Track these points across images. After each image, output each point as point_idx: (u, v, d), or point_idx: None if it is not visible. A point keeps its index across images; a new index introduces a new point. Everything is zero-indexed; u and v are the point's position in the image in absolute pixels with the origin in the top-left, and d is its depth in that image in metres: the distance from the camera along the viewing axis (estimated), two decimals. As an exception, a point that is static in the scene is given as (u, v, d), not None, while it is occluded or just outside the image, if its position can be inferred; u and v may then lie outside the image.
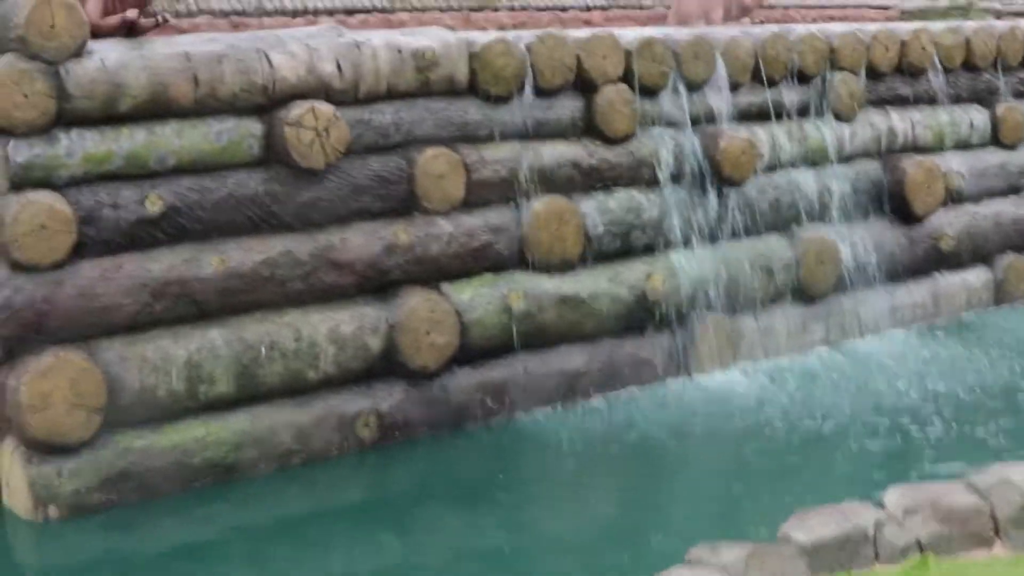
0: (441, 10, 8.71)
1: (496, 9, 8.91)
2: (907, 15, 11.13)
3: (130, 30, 6.78)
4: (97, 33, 6.64)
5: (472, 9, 8.89)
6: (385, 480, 6.87)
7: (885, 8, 10.95)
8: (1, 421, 6.25)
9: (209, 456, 6.49)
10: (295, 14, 8.21)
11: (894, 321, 9.04)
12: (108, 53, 6.35)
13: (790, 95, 8.61)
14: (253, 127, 6.72)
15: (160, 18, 6.96)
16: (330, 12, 8.45)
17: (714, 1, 9.12)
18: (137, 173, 6.42)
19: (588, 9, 9.32)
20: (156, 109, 6.48)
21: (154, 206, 6.40)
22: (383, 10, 8.51)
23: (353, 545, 6.02)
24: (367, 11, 8.48)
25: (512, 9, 9.14)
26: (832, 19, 10.27)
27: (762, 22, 9.42)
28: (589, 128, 7.80)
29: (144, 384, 6.31)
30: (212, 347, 6.49)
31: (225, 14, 7.97)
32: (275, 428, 6.67)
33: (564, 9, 9.21)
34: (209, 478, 6.51)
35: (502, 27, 8.59)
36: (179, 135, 6.53)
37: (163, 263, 6.44)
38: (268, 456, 6.64)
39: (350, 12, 8.37)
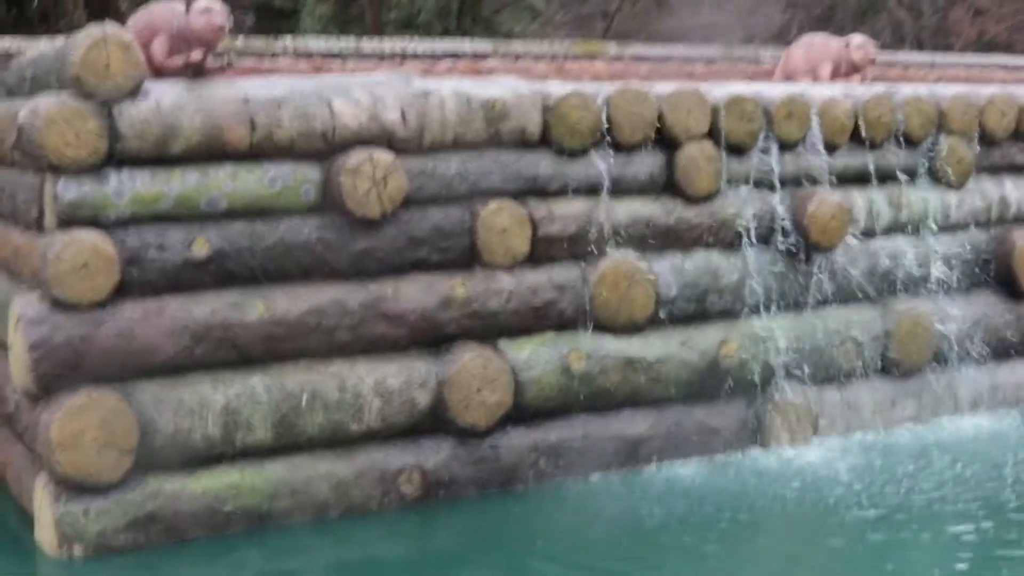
0: (536, 58, 8.60)
1: (594, 58, 8.77)
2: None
3: (196, 71, 6.81)
4: (162, 73, 6.70)
5: (570, 57, 8.78)
6: (424, 538, 6.81)
7: (1020, 68, 10.52)
8: (36, 457, 6.31)
9: (242, 503, 6.51)
10: (382, 58, 8.18)
11: (995, 401, 8.72)
12: (164, 94, 6.42)
13: (893, 159, 8.28)
14: (310, 173, 6.73)
15: (227, 60, 7.00)
16: (424, 56, 8.41)
17: (822, 57, 8.86)
18: (187, 215, 6.48)
19: (691, 61, 9.12)
20: (210, 152, 6.52)
21: (201, 249, 6.45)
22: (475, 55, 8.43)
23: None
24: (456, 56, 8.41)
25: (611, 59, 9.00)
26: (957, 80, 9.88)
27: (874, 80, 9.11)
28: (669, 185, 7.66)
29: (179, 427, 6.36)
30: (252, 394, 6.52)
31: (310, 55, 7.98)
32: (313, 479, 6.68)
33: (665, 60, 9.03)
34: (241, 525, 6.54)
35: (596, 77, 8.45)
36: (233, 179, 6.55)
37: (207, 307, 6.49)
38: (304, 507, 6.65)
39: (437, 57, 8.31)
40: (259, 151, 6.64)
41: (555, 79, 8.14)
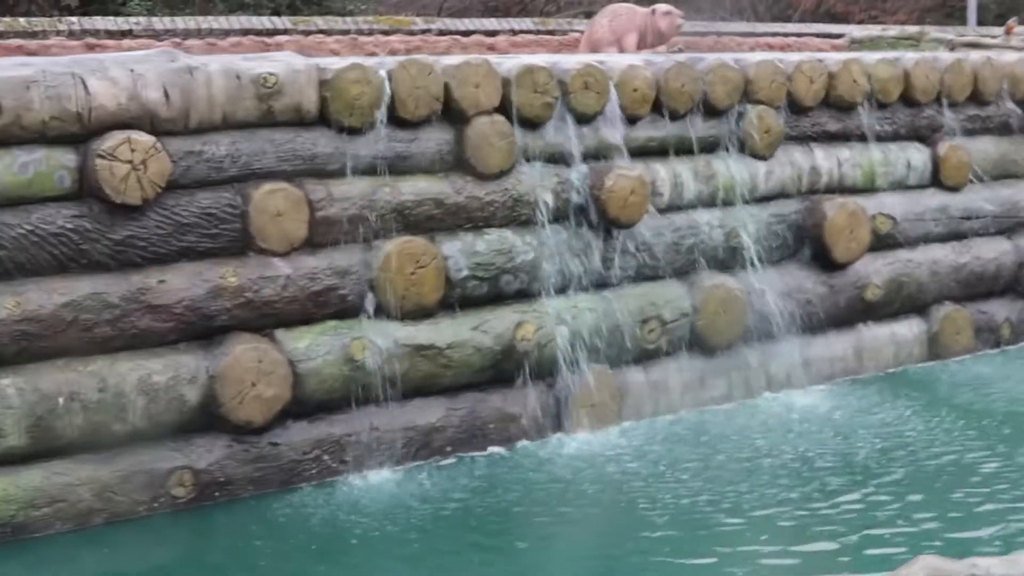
0: (326, 33, 8.34)
1: (394, 32, 8.52)
2: (856, 44, 10.64)
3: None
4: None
5: (367, 33, 8.53)
6: (195, 542, 6.54)
7: (835, 37, 10.46)
8: None
9: (-5, 514, 6.16)
10: (160, 36, 7.87)
11: (809, 377, 8.66)
12: None
13: (698, 129, 8.14)
14: (65, 158, 6.45)
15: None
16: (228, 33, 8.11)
17: (628, 27, 8.70)
18: (-74, 207, 6.10)
19: (493, 34, 8.91)
20: (-48, 139, 6.16)
21: (-58, 243, 6.10)
22: (268, 32, 8.16)
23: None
24: (260, 32, 8.13)
25: (410, 34, 8.76)
26: (771, 48, 9.79)
27: (681, 50, 8.97)
28: (459, 163, 7.42)
29: (-80, 436, 6.01)
30: (2, 397, 6.18)
31: (88, 35, 7.64)
32: (73, 485, 6.44)
33: (467, 34, 8.81)
34: (-5, 538, 6.18)
35: (393, 52, 8.20)
36: (-21, 167, 6.20)
37: (-51, 305, 6.12)
38: (65, 515, 6.41)
39: (248, 33, 8.02)
40: (7, 136, 6.34)
41: (348, 56, 7.86)
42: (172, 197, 6.67)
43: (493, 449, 7.54)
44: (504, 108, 7.54)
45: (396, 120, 7.25)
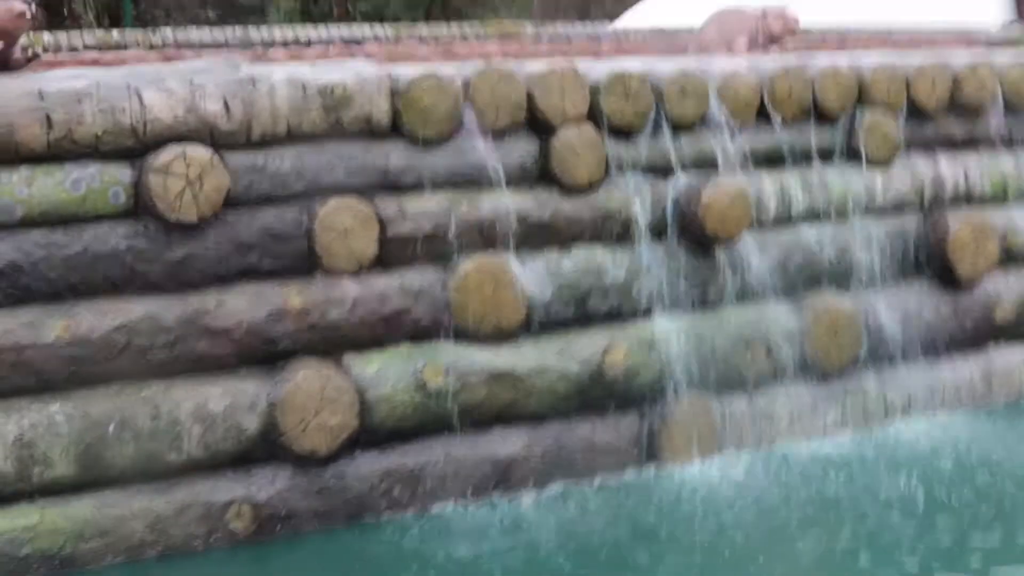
0: (420, 39, 8.02)
1: (504, 38, 8.16)
2: (995, 44, 9.98)
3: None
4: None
5: (477, 39, 8.18)
6: (252, 579, 6.19)
7: (970, 34, 9.82)
8: None
9: (42, 546, 6.05)
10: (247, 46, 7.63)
11: (932, 403, 8.12)
12: (-55, 92, 5.89)
13: (807, 138, 7.64)
14: (120, 174, 6.24)
15: (31, 52, 6.46)
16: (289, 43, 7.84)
17: (737, 29, 8.22)
18: (-24, 228, 5.93)
19: (598, 39, 8.49)
20: (1, 154, 5.99)
21: (-10, 264, 5.92)
22: (357, 42, 7.87)
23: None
24: (328, 44, 7.84)
25: (517, 40, 8.40)
26: (897, 47, 9.20)
27: (798, 52, 8.46)
28: (544, 175, 7.03)
29: (-37, 464, 5.82)
30: (49, 423, 6.00)
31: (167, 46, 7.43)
32: (125, 517, 6.23)
33: (570, 40, 8.41)
34: (43, 571, 6.03)
35: (486, 57, 7.85)
36: (29, 183, 6.05)
37: (-3, 327, 5.93)
38: (116, 548, 6.21)
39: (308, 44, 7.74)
40: (59, 151, 6.13)
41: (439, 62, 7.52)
42: (232, 214, 6.43)
43: (579, 482, 7.11)
44: (594, 117, 7.11)
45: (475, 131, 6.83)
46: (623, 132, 7.24)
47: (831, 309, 7.75)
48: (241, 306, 6.43)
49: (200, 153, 6.25)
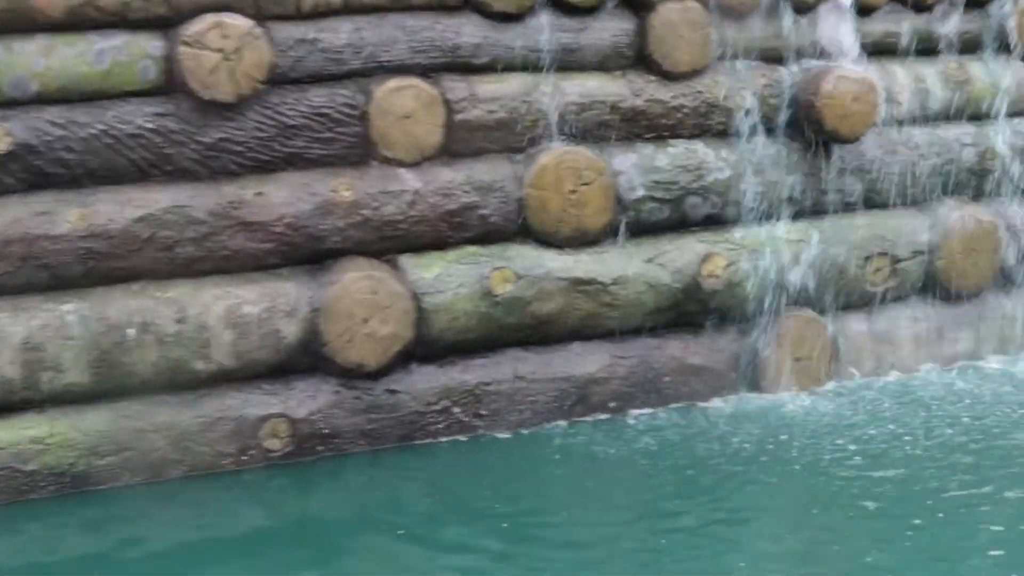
0: None
1: None
2: None
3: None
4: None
5: None
6: (292, 499, 5.58)
7: None
8: None
9: (51, 461, 5.38)
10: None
11: (1081, 331, 7.05)
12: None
13: (950, 24, 6.63)
14: (151, 46, 5.57)
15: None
16: None
17: None
18: (-15, 100, 5.28)
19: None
20: (14, 21, 5.37)
21: (1, 143, 5.18)
22: None
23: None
24: None
25: None
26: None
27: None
28: (640, 59, 6.23)
29: (-39, 367, 5.21)
30: (61, 325, 5.29)
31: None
32: (146, 432, 5.56)
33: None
34: (50, 488, 5.39)
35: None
36: (46, 54, 5.34)
37: (7, 215, 5.30)
38: (135, 466, 5.55)
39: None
40: (81, 19, 5.46)
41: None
42: (277, 94, 5.71)
43: (668, 407, 6.33)
44: (701, -7, 6.19)
45: (562, 5, 6.06)
46: (733, 11, 6.33)
47: (968, 220, 6.84)
48: (283, 197, 5.72)
49: (239, 23, 5.52)
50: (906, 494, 5.37)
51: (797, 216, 6.55)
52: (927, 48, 6.82)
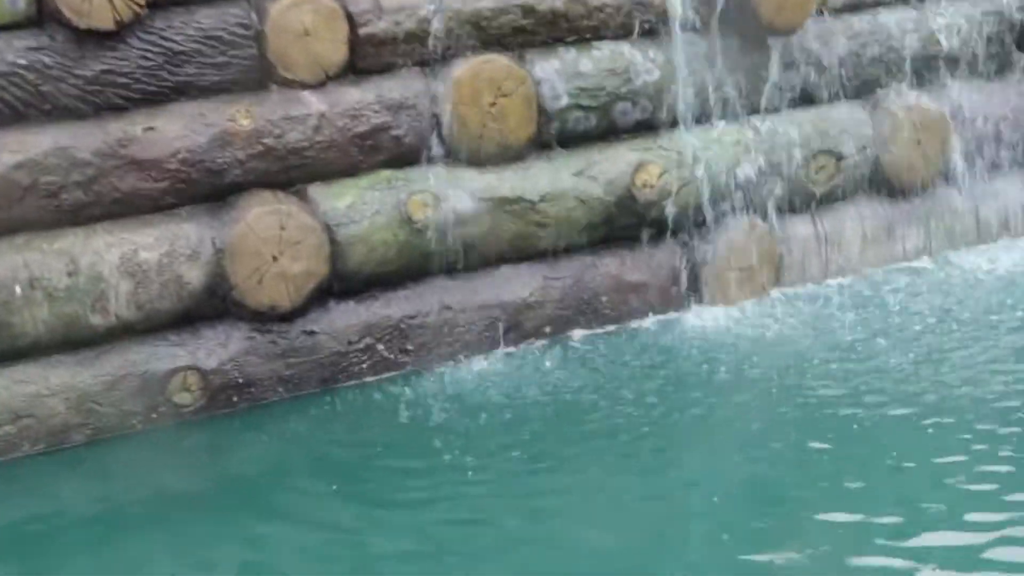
0: None
1: None
2: None
3: None
4: None
5: None
6: (207, 456, 5.22)
7: None
8: None
9: (-61, 433, 4.89)
10: None
11: (1034, 222, 6.76)
12: None
13: (887, -102, 6.25)
14: (18, -28, 4.94)
15: None
16: None
17: None
18: None
19: None
20: None
21: None
22: None
23: (150, 551, 4.49)
24: None
25: None
26: None
27: None
28: (559, -46, 5.74)
29: None
30: (-62, 284, 4.82)
31: None
32: (42, 395, 5.14)
33: None
34: (-58, 462, 4.92)
35: None
36: (-103, -20, 4.80)
37: None
38: (33, 434, 5.16)
39: None
40: (-64, -61, 4.86)
41: None
42: (162, 18, 5.27)
43: (607, 328, 5.96)
44: None
45: (467, -99, 5.54)
46: None
47: (914, 111, 6.45)
48: (176, 131, 5.27)
49: (113, -60, 4.94)
50: (847, 402, 5.15)
51: (734, 117, 6.16)
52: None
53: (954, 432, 4.82)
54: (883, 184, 6.47)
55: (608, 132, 5.96)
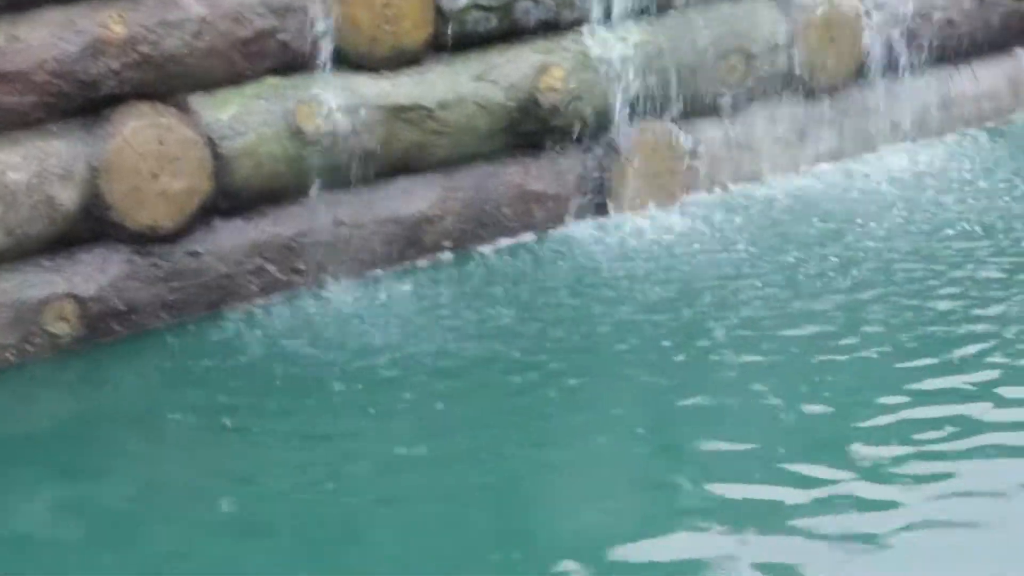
0: None
1: None
2: None
3: None
4: None
5: None
6: (83, 397, 4.94)
7: None
8: None
9: None
10: None
11: (949, 121, 6.68)
12: None
13: None
14: None
15: None
16: None
17: None
18: None
19: None
20: None
21: None
22: None
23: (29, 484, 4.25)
24: None
25: None
26: None
27: None
28: None
29: None
30: None
31: None
32: (-94, 330, 4.68)
33: None
34: None
35: None
36: None
37: None
38: (-102, 371, 4.66)
39: None
40: None
41: None
42: (19, -90, 4.79)
43: (510, 241, 5.74)
44: None
45: None
46: None
47: (826, 7, 6.25)
48: (42, 39, 4.87)
49: None
50: (757, 318, 5.09)
51: (641, 15, 5.91)
52: None
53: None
54: (796, 84, 6.24)
55: (510, 33, 5.67)
